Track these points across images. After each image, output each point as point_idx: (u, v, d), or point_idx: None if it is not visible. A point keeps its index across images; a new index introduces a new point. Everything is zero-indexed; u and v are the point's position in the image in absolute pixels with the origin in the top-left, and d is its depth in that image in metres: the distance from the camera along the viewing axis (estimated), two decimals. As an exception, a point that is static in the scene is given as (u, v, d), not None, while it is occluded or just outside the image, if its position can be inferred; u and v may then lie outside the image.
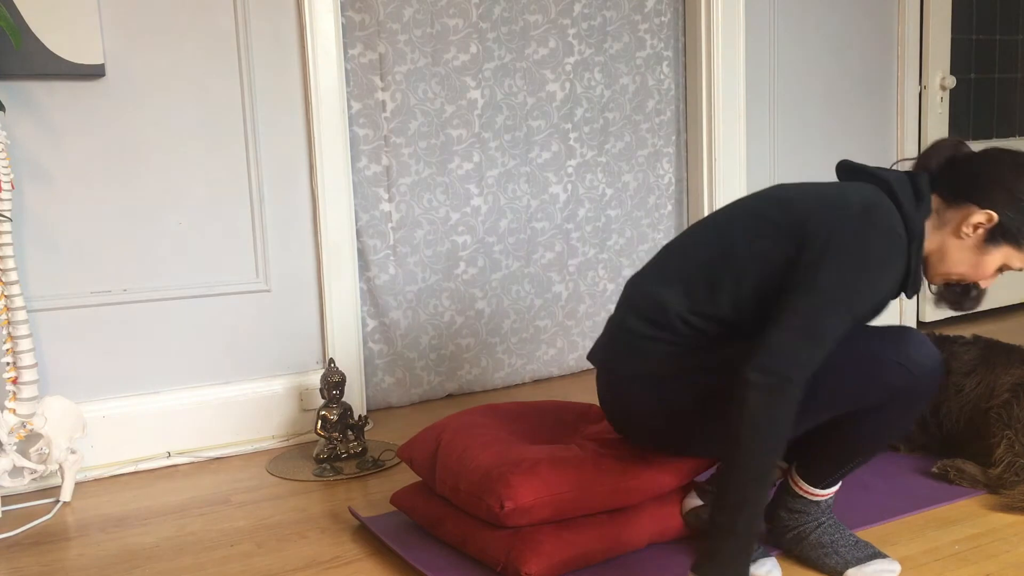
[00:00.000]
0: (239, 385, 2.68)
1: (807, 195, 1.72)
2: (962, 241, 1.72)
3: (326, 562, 1.91)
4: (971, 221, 1.70)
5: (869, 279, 1.60)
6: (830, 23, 3.62)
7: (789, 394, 1.51)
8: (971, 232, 1.71)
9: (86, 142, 2.44)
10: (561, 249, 3.26)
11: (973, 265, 1.74)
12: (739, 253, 1.70)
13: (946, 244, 1.74)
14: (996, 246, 1.71)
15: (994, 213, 1.68)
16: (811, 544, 1.79)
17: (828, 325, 1.55)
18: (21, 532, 2.14)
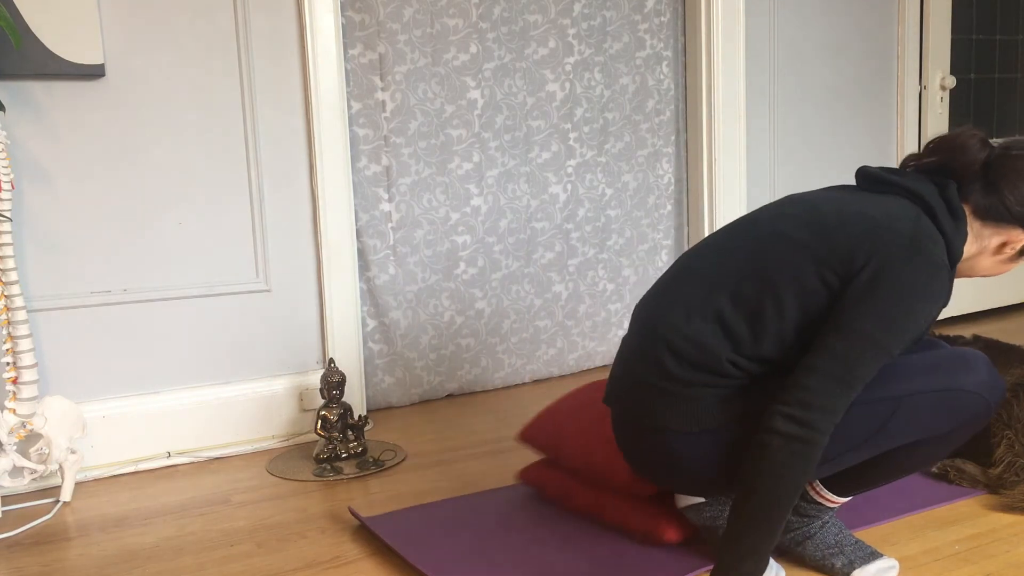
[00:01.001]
0: (239, 385, 2.68)
1: (847, 217, 1.59)
2: (1002, 256, 1.69)
3: (326, 562, 1.91)
4: (1017, 245, 1.66)
5: (915, 317, 1.52)
6: (830, 23, 3.62)
7: (816, 446, 1.46)
8: (1011, 250, 1.68)
9: (86, 142, 2.44)
10: (561, 249, 3.26)
11: (999, 271, 1.73)
12: (779, 287, 1.57)
13: (982, 258, 1.70)
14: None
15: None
16: (816, 544, 1.79)
17: (865, 367, 1.49)
18: (21, 532, 2.14)
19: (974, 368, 1.61)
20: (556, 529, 1.99)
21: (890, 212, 1.59)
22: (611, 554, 1.87)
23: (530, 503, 2.15)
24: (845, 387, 1.48)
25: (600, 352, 3.41)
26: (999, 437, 2.15)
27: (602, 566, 1.82)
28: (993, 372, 1.63)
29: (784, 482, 1.47)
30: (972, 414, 1.61)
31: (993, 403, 1.62)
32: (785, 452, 1.46)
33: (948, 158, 1.68)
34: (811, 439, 1.46)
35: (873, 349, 1.49)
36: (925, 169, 1.70)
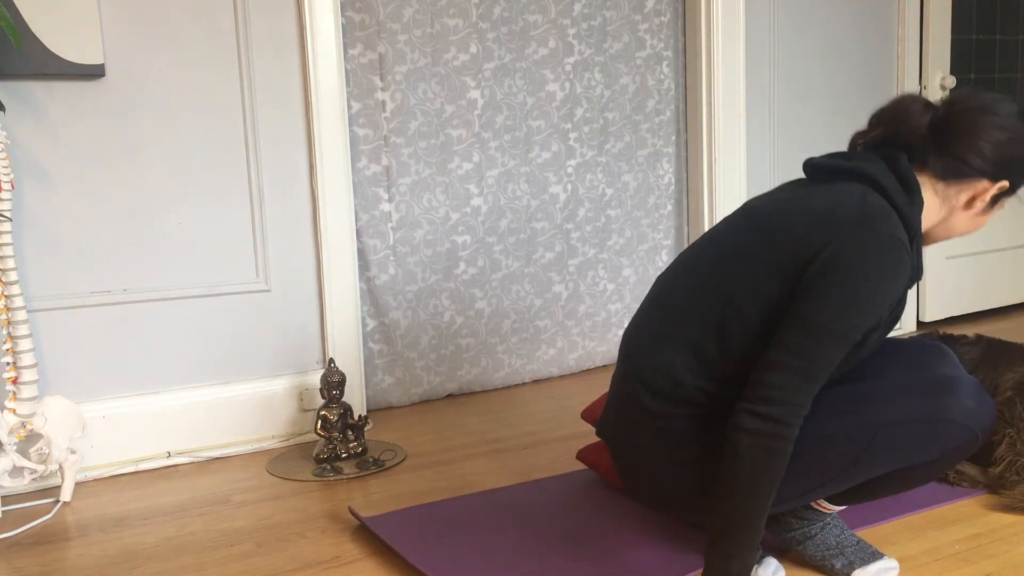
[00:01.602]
0: (239, 385, 2.68)
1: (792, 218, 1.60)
2: (973, 210, 1.69)
3: (326, 562, 1.91)
4: (986, 196, 1.66)
5: (871, 298, 1.50)
6: (830, 23, 3.62)
7: (784, 439, 1.47)
8: (981, 203, 1.68)
9: (86, 142, 2.44)
10: (561, 249, 3.26)
11: (976, 225, 1.73)
12: (740, 302, 1.58)
13: (955, 218, 1.70)
14: (998, 203, 1.71)
15: (1006, 182, 1.66)
16: (816, 544, 1.79)
17: (828, 360, 1.49)
18: (21, 532, 2.14)
19: (959, 394, 1.56)
20: (557, 529, 1.99)
21: (833, 201, 1.59)
22: (612, 554, 1.87)
23: (530, 503, 2.15)
24: (807, 379, 1.48)
25: (600, 352, 3.41)
26: (1000, 435, 2.15)
27: (603, 566, 1.82)
28: (981, 397, 1.58)
29: (758, 478, 1.47)
30: (957, 445, 1.58)
31: (980, 432, 1.58)
32: (755, 449, 1.47)
33: (893, 128, 1.67)
34: (778, 433, 1.47)
35: (830, 338, 1.48)
36: (874, 144, 1.70)
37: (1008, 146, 1.63)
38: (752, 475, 1.47)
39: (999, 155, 1.63)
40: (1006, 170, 1.64)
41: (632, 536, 1.95)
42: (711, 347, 1.60)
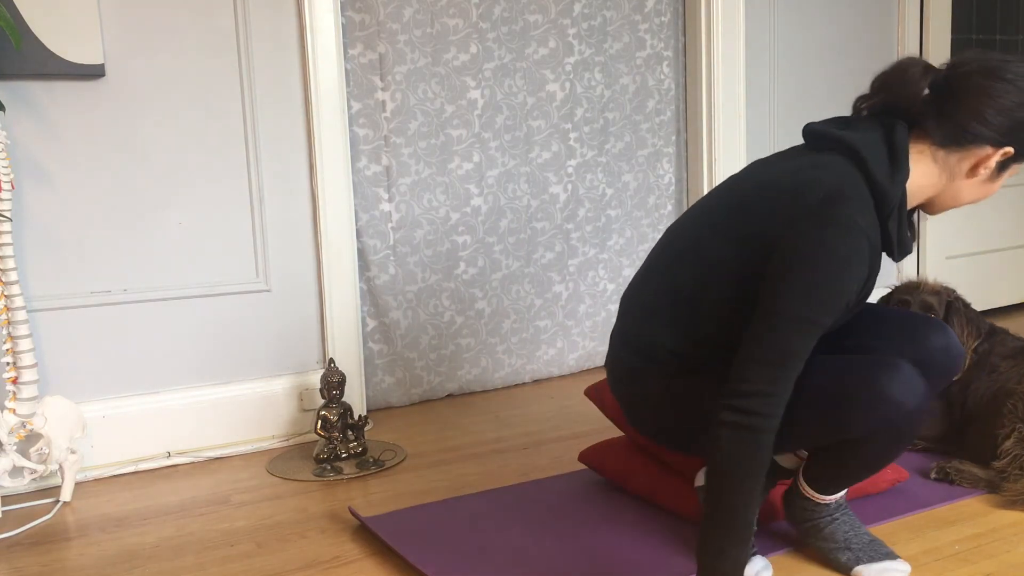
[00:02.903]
0: (239, 385, 2.68)
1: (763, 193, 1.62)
2: (978, 178, 1.63)
3: (326, 562, 1.91)
4: (989, 163, 1.60)
5: (834, 285, 1.50)
6: (830, 23, 3.62)
7: (762, 430, 1.48)
8: (986, 171, 1.61)
9: (86, 142, 2.44)
10: (561, 249, 3.26)
11: (985, 192, 1.66)
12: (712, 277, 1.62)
13: (957, 186, 1.64)
14: (1007, 169, 1.64)
15: (1011, 148, 1.59)
16: (823, 537, 1.79)
17: (795, 347, 1.49)
18: (21, 532, 2.14)
19: (883, 380, 1.55)
20: (556, 529, 1.99)
21: (804, 180, 1.58)
22: (612, 554, 1.87)
23: (530, 503, 2.15)
24: (778, 367, 1.48)
25: (600, 352, 3.41)
26: (1009, 429, 2.15)
27: (603, 566, 1.82)
28: (908, 387, 1.55)
29: (738, 470, 1.48)
30: (877, 426, 1.57)
31: (897, 420, 1.56)
32: (734, 441, 1.47)
33: (892, 94, 1.64)
34: (755, 425, 1.47)
35: (793, 326, 1.49)
36: (876, 110, 1.66)
37: (1016, 111, 1.57)
38: (732, 467, 1.48)
39: (1004, 121, 1.57)
40: (1010, 136, 1.58)
41: (632, 536, 1.95)
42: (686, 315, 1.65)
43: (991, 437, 2.18)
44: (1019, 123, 1.58)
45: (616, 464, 2.22)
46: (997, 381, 2.28)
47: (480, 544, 1.93)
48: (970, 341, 2.34)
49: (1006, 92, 1.56)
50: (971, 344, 2.34)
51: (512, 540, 1.94)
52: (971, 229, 4.06)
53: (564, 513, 2.08)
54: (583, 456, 2.31)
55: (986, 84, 1.57)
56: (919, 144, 1.63)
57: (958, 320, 2.36)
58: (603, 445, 2.30)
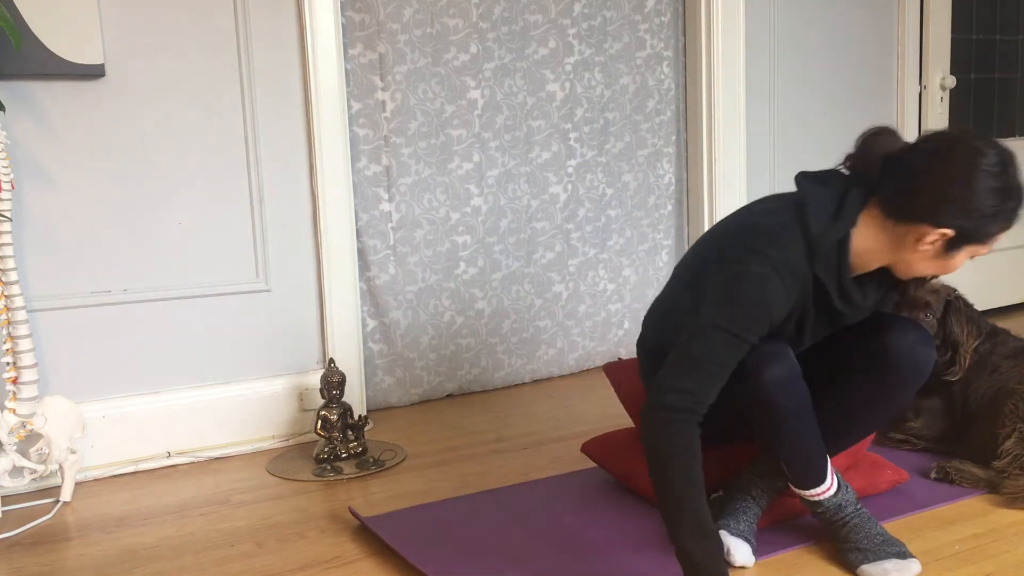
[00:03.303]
0: (239, 385, 2.68)
1: (716, 238, 1.85)
2: (923, 253, 1.66)
3: (326, 562, 1.91)
4: (927, 240, 1.63)
5: (743, 306, 1.65)
6: (830, 23, 3.62)
7: (674, 422, 1.61)
8: (930, 247, 1.64)
9: (86, 142, 2.44)
10: (561, 249, 3.26)
11: (940, 268, 1.70)
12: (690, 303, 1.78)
13: (908, 258, 1.68)
14: (958, 250, 1.65)
15: (948, 230, 1.61)
16: (840, 539, 1.83)
17: (706, 351, 1.64)
18: (21, 532, 2.14)
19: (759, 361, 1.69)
20: (556, 529, 1.99)
21: (749, 223, 1.78)
22: (612, 553, 1.87)
23: (530, 503, 2.15)
24: (688, 366, 1.64)
25: (600, 352, 3.41)
26: (1010, 429, 2.15)
27: (602, 566, 1.82)
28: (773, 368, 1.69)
29: (659, 458, 1.62)
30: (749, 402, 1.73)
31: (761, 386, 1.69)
32: (652, 431, 1.63)
33: (860, 158, 1.73)
34: (668, 417, 1.62)
35: (705, 332, 1.65)
36: (854, 170, 1.75)
37: (949, 195, 1.59)
38: (654, 456, 1.62)
39: (934, 202, 1.60)
40: (947, 219, 1.60)
41: (632, 536, 1.95)
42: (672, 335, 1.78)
43: (992, 437, 2.18)
44: (952, 208, 1.59)
45: (618, 457, 2.22)
46: (998, 381, 2.28)
47: (480, 544, 1.93)
48: (970, 341, 2.34)
49: (943, 175, 1.60)
50: (971, 344, 2.34)
51: (512, 540, 1.94)
52: (971, 229, 4.06)
53: (564, 513, 2.08)
54: (585, 448, 2.32)
55: (928, 163, 1.62)
56: (873, 209, 1.69)
57: (957, 319, 2.36)
58: (605, 438, 2.30)
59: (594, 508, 2.11)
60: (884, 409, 1.86)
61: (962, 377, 2.33)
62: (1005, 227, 1.63)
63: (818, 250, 1.68)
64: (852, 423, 1.89)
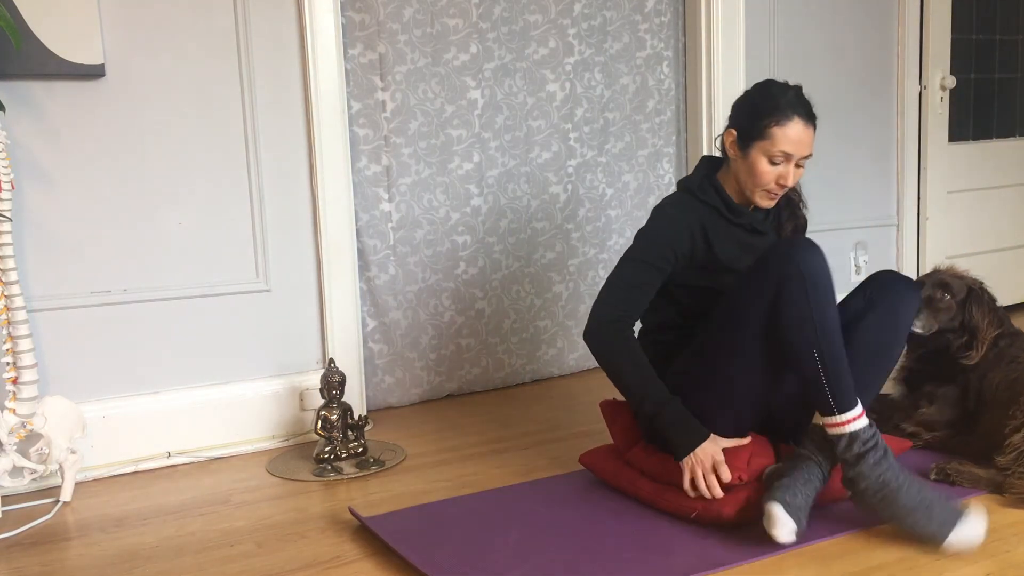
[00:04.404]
0: (239, 385, 2.68)
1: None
2: (735, 162, 2.13)
3: (326, 562, 1.91)
4: (727, 144, 2.13)
5: (646, 236, 2.14)
6: (830, 23, 3.62)
7: (606, 330, 2.09)
8: (733, 152, 2.12)
9: (86, 142, 2.44)
10: (561, 249, 3.26)
11: (748, 173, 2.10)
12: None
13: (734, 173, 2.15)
14: (749, 149, 2.08)
15: (732, 129, 2.12)
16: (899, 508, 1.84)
17: (622, 276, 2.12)
18: (21, 532, 2.14)
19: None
20: (557, 529, 1.99)
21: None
22: (612, 553, 1.87)
23: (530, 503, 2.15)
24: (614, 288, 2.12)
25: (600, 352, 3.41)
26: (1020, 422, 2.14)
27: (602, 566, 1.82)
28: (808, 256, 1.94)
29: (610, 353, 2.09)
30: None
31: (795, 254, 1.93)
32: (597, 341, 2.11)
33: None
34: (604, 327, 2.10)
35: (624, 261, 2.14)
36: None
37: (734, 106, 2.17)
38: (605, 359, 2.10)
39: (730, 115, 2.17)
40: (731, 119, 2.15)
41: (632, 536, 1.95)
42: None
43: (1002, 426, 2.18)
44: (735, 109, 2.17)
45: (615, 470, 2.21)
46: (1015, 371, 2.29)
47: (480, 544, 1.92)
48: (989, 329, 2.36)
49: (741, 95, 2.19)
50: (990, 332, 2.35)
51: (512, 540, 1.94)
52: (971, 229, 4.06)
53: (564, 513, 2.08)
54: (583, 459, 2.31)
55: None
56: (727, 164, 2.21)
57: (979, 308, 2.37)
58: (603, 449, 2.30)
59: (594, 508, 2.11)
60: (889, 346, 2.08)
61: (979, 368, 2.34)
62: (774, 122, 2.03)
63: (696, 189, 2.17)
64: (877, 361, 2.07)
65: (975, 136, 4.05)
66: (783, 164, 2.07)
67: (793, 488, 1.86)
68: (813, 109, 2.10)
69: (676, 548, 1.88)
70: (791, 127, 2.04)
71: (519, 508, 2.12)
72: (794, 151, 2.06)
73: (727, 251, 2.13)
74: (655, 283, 2.11)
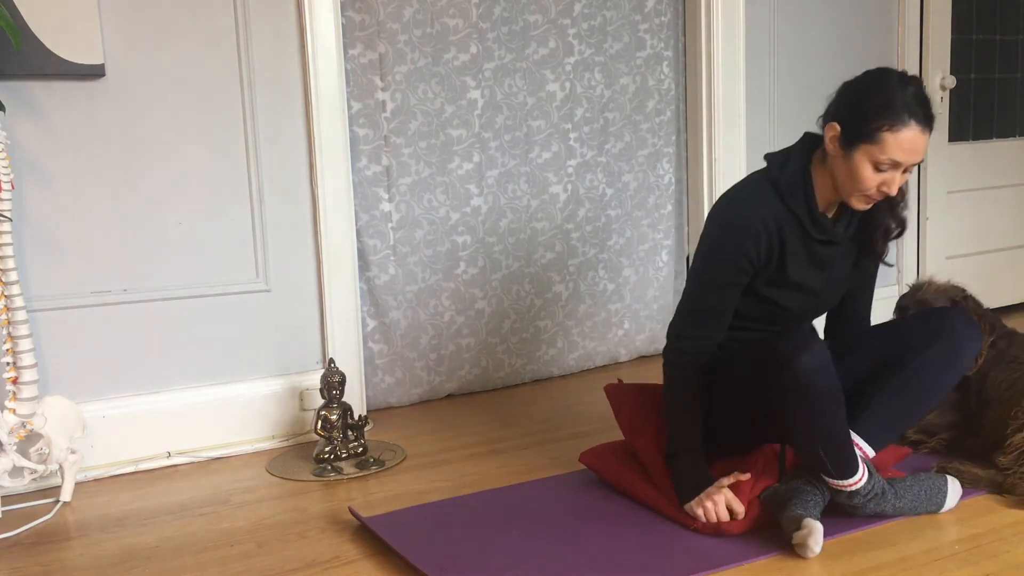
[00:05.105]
0: (239, 385, 2.68)
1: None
2: (834, 159, 1.89)
3: (326, 562, 1.91)
4: (828, 137, 1.89)
5: (714, 252, 1.96)
6: (830, 23, 3.61)
7: (671, 364, 2.01)
8: (833, 148, 1.88)
9: (86, 142, 2.44)
10: (561, 249, 3.26)
11: (848, 175, 1.86)
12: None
13: (831, 168, 1.91)
14: (853, 149, 1.85)
15: (836, 123, 1.87)
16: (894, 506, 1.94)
17: (696, 298, 1.99)
18: (21, 532, 2.14)
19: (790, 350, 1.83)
20: (557, 529, 1.99)
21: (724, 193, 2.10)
22: (612, 554, 1.87)
23: (530, 503, 2.15)
24: (683, 314, 2.02)
25: (600, 352, 3.41)
26: (1020, 421, 2.14)
27: (602, 565, 1.82)
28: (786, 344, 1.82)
29: (677, 387, 2.02)
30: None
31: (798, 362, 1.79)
32: (673, 369, 2.02)
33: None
34: (667, 358, 2.03)
35: (693, 281, 2.01)
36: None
37: (840, 93, 1.94)
38: (671, 387, 2.03)
39: (834, 101, 1.94)
40: (834, 111, 1.91)
41: (632, 536, 1.95)
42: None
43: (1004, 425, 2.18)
44: (841, 101, 1.93)
45: (616, 469, 2.21)
46: (1017, 370, 2.29)
47: (480, 544, 1.93)
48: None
49: (846, 84, 1.98)
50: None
51: (512, 540, 1.94)
52: (971, 229, 4.06)
53: (564, 513, 2.08)
54: (583, 457, 2.31)
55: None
56: (819, 153, 1.97)
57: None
58: (603, 448, 2.30)
59: (594, 508, 2.11)
60: (945, 381, 2.00)
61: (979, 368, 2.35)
62: (886, 125, 1.80)
63: (784, 186, 1.93)
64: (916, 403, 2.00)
65: (975, 136, 4.04)
66: (889, 172, 1.83)
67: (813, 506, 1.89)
68: (932, 109, 1.86)
69: (676, 548, 1.88)
70: (906, 133, 1.79)
71: (519, 508, 2.12)
72: (905, 160, 1.81)
73: (798, 269, 1.96)
74: (733, 300, 1.96)
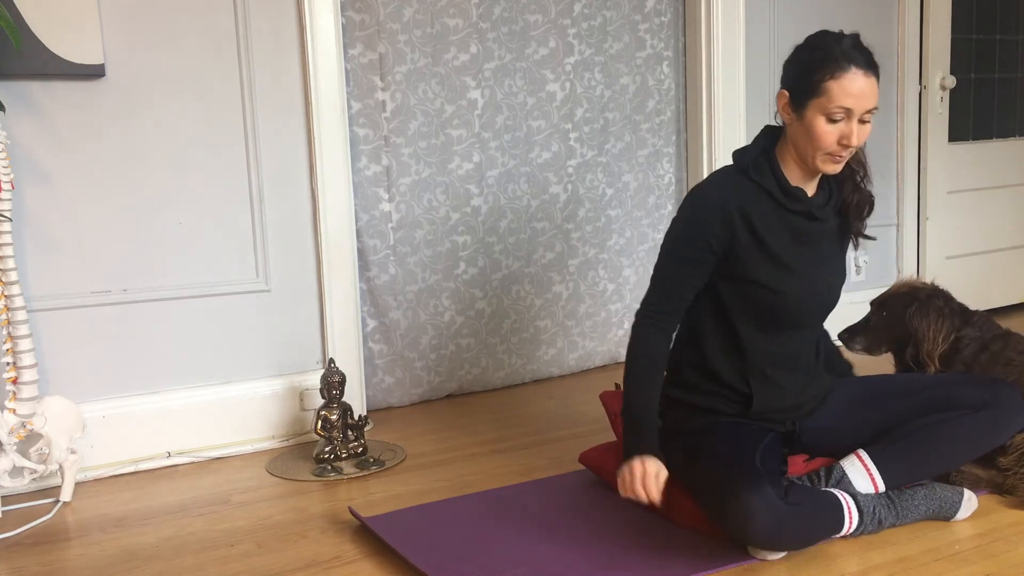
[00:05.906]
0: (239, 385, 2.68)
1: None
2: (791, 127, 1.91)
3: (326, 562, 1.91)
4: (780, 108, 1.93)
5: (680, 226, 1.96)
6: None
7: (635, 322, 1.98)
8: (787, 116, 1.91)
9: (86, 142, 2.44)
10: (561, 249, 3.26)
11: (806, 136, 1.87)
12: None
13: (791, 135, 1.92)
14: (804, 109, 1.86)
15: (784, 91, 1.90)
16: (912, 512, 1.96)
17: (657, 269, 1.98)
18: (21, 532, 2.14)
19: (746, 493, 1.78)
20: (556, 529, 1.99)
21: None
22: (612, 554, 1.87)
23: (530, 503, 2.15)
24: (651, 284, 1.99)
25: (600, 352, 3.41)
26: None
27: (602, 566, 1.82)
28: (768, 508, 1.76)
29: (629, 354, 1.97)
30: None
31: (748, 530, 1.77)
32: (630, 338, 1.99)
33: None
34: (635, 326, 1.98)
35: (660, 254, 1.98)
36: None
37: (784, 64, 1.95)
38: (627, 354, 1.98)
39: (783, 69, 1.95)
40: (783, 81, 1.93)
41: (632, 536, 1.95)
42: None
43: None
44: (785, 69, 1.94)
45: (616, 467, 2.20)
46: (1013, 373, 2.29)
47: (480, 544, 1.93)
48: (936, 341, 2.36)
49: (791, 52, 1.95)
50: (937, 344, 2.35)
51: (512, 540, 1.94)
52: (971, 229, 4.06)
53: (564, 513, 2.08)
54: (583, 458, 2.31)
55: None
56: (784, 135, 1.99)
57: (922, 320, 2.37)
58: (603, 448, 2.30)
59: (594, 508, 2.11)
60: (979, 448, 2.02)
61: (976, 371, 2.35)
62: (828, 75, 1.82)
63: (748, 165, 1.95)
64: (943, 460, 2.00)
65: (975, 136, 4.04)
66: (844, 121, 1.84)
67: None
68: (874, 57, 1.87)
69: (676, 548, 1.88)
70: (848, 79, 1.82)
71: (519, 508, 2.12)
72: (855, 105, 1.83)
73: (777, 240, 1.92)
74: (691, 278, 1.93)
